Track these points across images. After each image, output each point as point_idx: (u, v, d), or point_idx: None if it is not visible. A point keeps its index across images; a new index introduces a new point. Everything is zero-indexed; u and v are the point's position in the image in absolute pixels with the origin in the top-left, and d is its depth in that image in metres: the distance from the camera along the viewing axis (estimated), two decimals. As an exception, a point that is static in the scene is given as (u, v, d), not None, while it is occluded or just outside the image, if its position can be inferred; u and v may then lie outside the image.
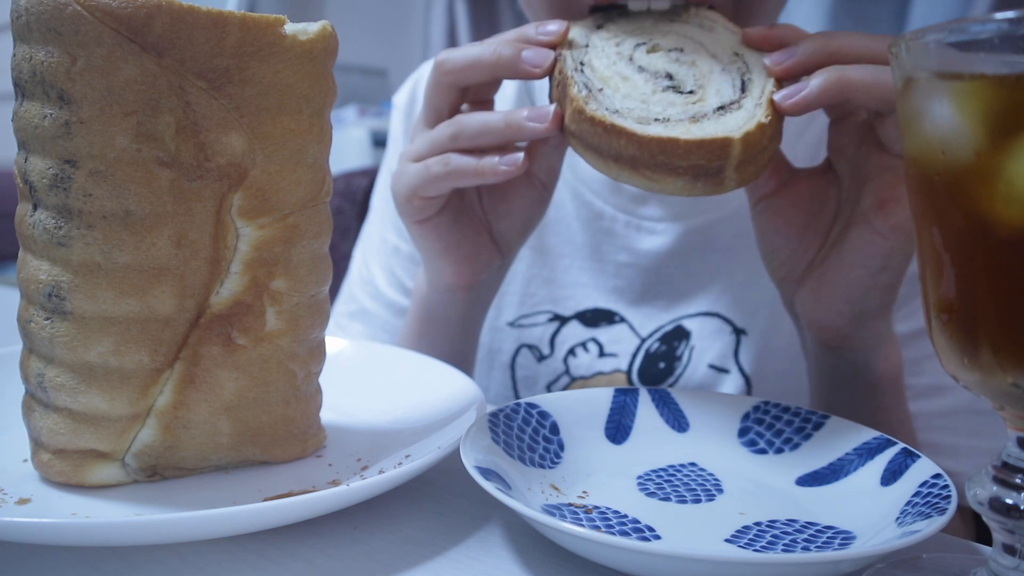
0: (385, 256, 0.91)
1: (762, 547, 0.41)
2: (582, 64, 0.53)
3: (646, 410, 0.55)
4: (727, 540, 0.42)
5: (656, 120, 0.49)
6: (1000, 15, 0.30)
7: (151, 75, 0.40)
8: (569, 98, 0.51)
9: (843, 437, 0.50)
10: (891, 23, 2.56)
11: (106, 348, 0.42)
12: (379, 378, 0.62)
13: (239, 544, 0.41)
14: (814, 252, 0.58)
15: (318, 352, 0.50)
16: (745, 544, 0.42)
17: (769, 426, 0.53)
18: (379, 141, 2.90)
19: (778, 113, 0.50)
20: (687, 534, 0.43)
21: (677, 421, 0.55)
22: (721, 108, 0.50)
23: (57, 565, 0.39)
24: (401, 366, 0.63)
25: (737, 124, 0.49)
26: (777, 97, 0.50)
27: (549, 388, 0.84)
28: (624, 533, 0.42)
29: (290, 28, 0.43)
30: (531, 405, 0.52)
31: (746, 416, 0.54)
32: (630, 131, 0.48)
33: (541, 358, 0.84)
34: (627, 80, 0.52)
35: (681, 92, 0.51)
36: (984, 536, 0.47)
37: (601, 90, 0.51)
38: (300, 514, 0.40)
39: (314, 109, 0.45)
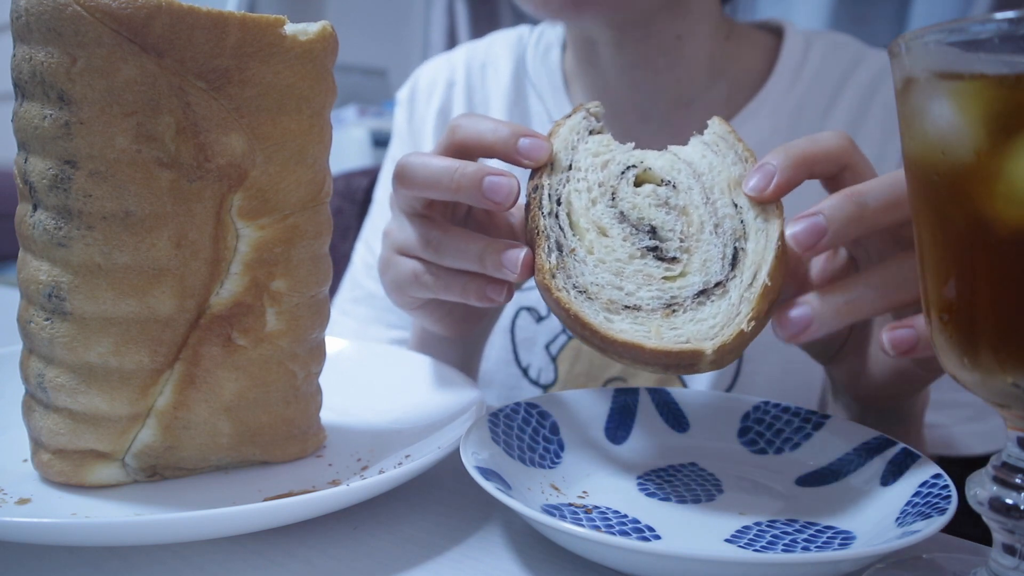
0: None
1: (762, 547, 0.41)
2: (558, 203, 0.48)
3: (646, 410, 0.55)
4: (727, 540, 0.42)
5: (627, 308, 0.46)
6: (1000, 15, 0.30)
7: (151, 76, 0.40)
8: (537, 265, 0.47)
9: (843, 437, 0.50)
10: (891, 23, 2.56)
11: (106, 348, 0.42)
12: (379, 378, 0.62)
13: (239, 544, 0.41)
14: (845, 334, 0.57)
15: (318, 352, 0.50)
16: (745, 544, 0.42)
17: (769, 426, 0.53)
18: (379, 141, 2.90)
19: (765, 316, 0.45)
20: (687, 534, 0.43)
21: (677, 421, 0.55)
22: (703, 293, 0.46)
23: (57, 565, 0.39)
24: (401, 366, 0.63)
25: (714, 326, 0.44)
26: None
27: (547, 348, 0.85)
28: (624, 533, 0.42)
29: (290, 28, 0.43)
30: (531, 405, 0.52)
31: (746, 416, 0.54)
32: (595, 327, 0.44)
33: (539, 319, 0.85)
34: (604, 236, 0.48)
35: (662, 259, 0.47)
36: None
37: (573, 251, 0.47)
38: (300, 514, 0.40)
39: (314, 109, 0.45)
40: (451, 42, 3.63)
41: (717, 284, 0.46)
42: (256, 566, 0.40)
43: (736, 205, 0.48)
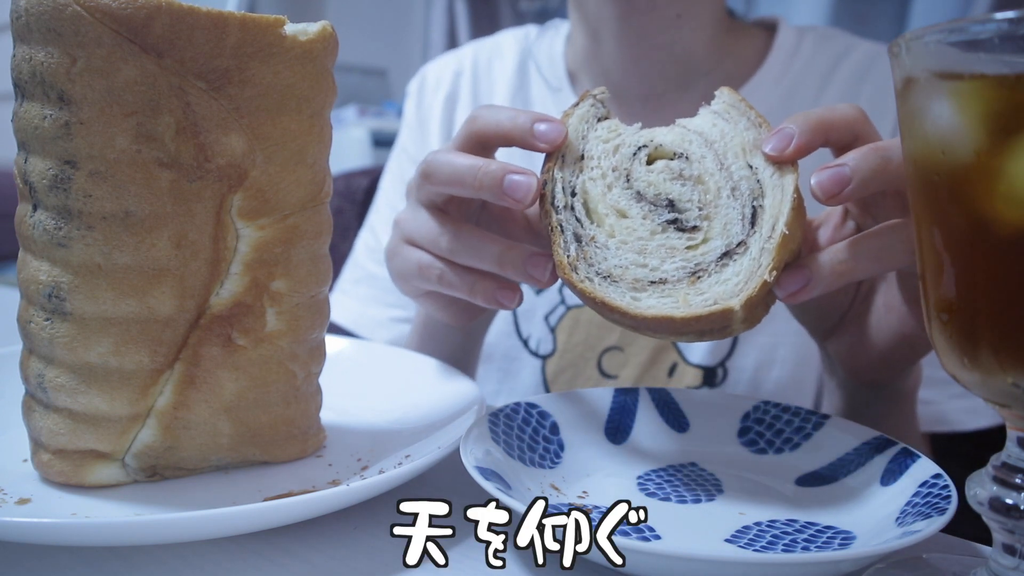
0: None
1: (762, 547, 0.41)
2: (573, 195, 0.49)
3: (646, 410, 0.55)
4: (727, 540, 0.42)
5: (652, 283, 0.46)
6: (1000, 15, 0.30)
7: (151, 76, 0.40)
8: (556, 261, 0.48)
9: (843, 437, 0.50)
10: (891, 23, 2.56)
11: (106, 349, 0.42)
12: (379, 378, 0.62)
13: (239, 544, 0.41)
14: (845, 307, 0.58)
15: (318, 352, 0.50)
16: (745, 544, 0.42)
17: (769, 426, 0.53)
18: (379, 141, 2.90)
19: (786, 266, 0.46)
20: (687, 534, 0.43)
21: (677, 421, 0.55)
22: (726, 255, 0.46)
23: (57, 565, 0.39)
24: (401, 366, 0.63)
25: (739, 283, 0.45)
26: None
27: (546, 318, 0.86)
28: (624, 533, 0.42)
29: (290, 29, 0.43)
30: (531, 405, 0.52)
31: (746, 416, 0.54)
32: (623, 309, 0.45)
33: (539, 291, 0.87)
34: (624, 218, 0.48)
35: (683, 229, 0.47)
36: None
37: (593, 238, 0.48)
38: (300, 514, 0.40)
39: (314, 109, 0.45)
40: (451, 42, 3.63)
41: (740, 244, 0.46)
42: (256, 566, 0.40)
43: (751, 166, 0.48)
